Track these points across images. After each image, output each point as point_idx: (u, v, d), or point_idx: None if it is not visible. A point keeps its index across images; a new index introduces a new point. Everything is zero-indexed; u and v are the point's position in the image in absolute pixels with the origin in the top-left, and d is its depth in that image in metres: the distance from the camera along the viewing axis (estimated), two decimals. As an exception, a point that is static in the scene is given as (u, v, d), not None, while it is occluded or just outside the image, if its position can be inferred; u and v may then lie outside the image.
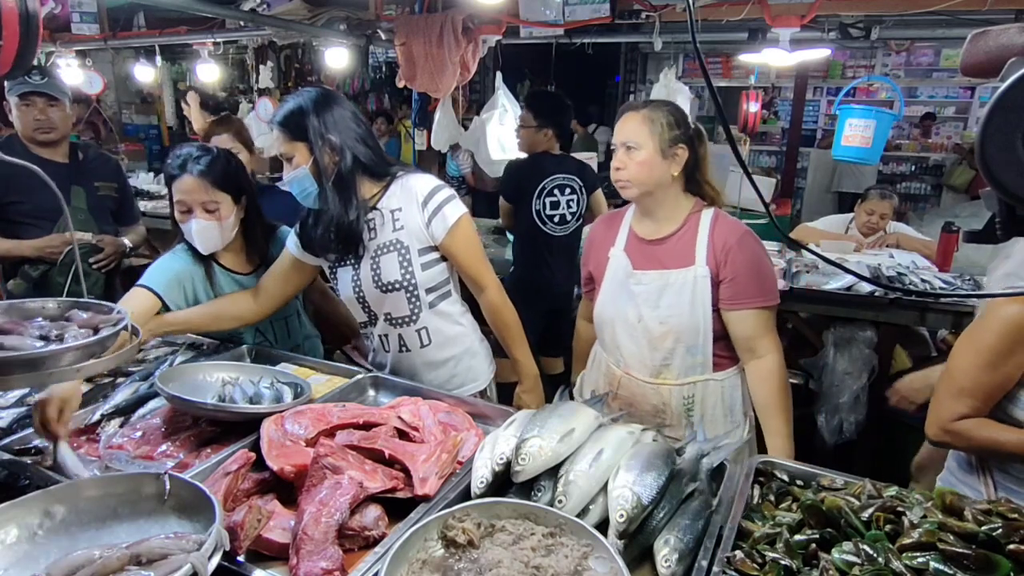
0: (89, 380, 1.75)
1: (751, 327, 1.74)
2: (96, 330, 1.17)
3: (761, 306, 1.74)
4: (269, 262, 2.01)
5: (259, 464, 1.30)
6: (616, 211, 2.02)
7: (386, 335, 1.91)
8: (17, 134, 2.71)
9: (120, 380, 1.76)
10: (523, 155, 3.48)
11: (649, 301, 1.79)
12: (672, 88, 4.07)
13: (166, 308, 1.90)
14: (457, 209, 1.80)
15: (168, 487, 1.11)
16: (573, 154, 4.63)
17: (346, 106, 1.75)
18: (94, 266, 2.70)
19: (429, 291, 1.84)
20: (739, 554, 1.07)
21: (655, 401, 1.82)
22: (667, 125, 1.72)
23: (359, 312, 1.92)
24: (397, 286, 1.80)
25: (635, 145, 1.72)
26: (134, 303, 1.81)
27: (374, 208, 1.79)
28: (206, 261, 1.99)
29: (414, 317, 1.85)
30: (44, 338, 1.13)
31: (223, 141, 2.63)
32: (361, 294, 1.85)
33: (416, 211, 1.77)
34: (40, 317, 1.22)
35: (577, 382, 2.12)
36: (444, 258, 1.86)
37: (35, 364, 1.03)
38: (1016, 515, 1.07)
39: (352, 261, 1.83)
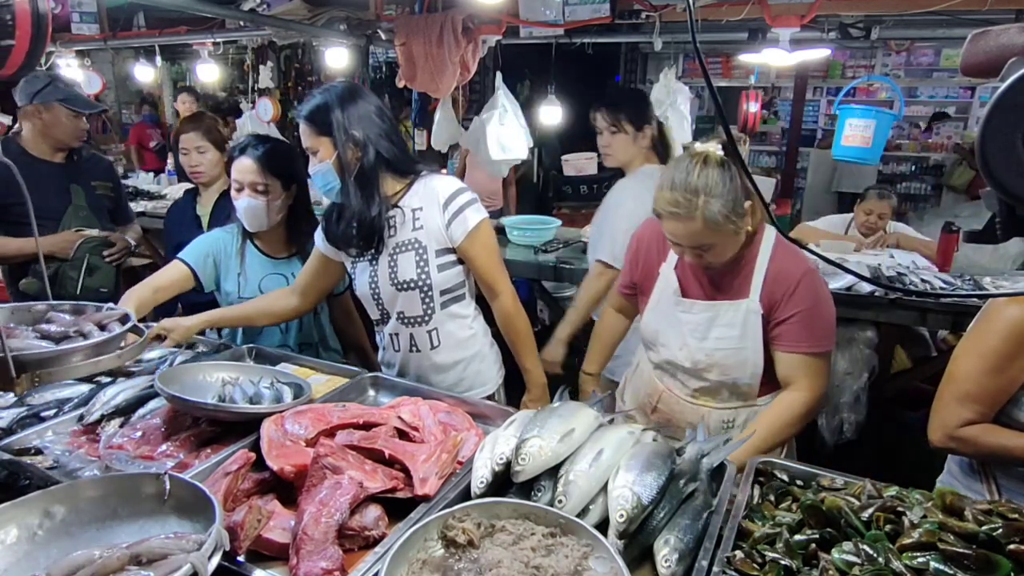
0: (89, 379, 1.76)
1: (795, 369, 1.65)
2: (103, 327, 1.18)
3: (810, 352, 1.63)
4: (304, 253, 2.13)
5: (259, 464, 1.30)
6: None
7: (396, 334, 1.91)
8: (16, 135, 2.73)
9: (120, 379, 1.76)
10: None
11: (697, 332, 1.72)
12: (672, 88, 4.06)
13: (197, 279, 2.13)
14: (478, 213, 1.80)
15: (168, 487, 1.11)
16: (570, 156, 4.62)
17: (371, 101, 1.76)
18: (107, 260, 2.73)
19: (443, 293, 1.84)
20: (739, 554, 1.07)
21: (692, 419, 1.76)
22: (726, 216, 1.53)
23: (372, 309, 1.94)
24: (412, 285, 1.80)
25: (703, 246, 1.59)
26: (168, 274, 2.10)
27: (395, 206, 1.81)
28: (244, 240, 2.18)
29: (426, 318, 1.85)
30: (47, 337, 1.14)
31: (191, 139, 2.66)
32: (376, 291, 1.87)
33: (437, 212, 1.78)
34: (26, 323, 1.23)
35: (621, 384, 2.10)
36: (461, 261, 1.86)
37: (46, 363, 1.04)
38: (1016, 515, 1.07)
39: (371, 257, 1.85)
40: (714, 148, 1.58)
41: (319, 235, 1.94)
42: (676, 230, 1.59)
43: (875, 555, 1.00)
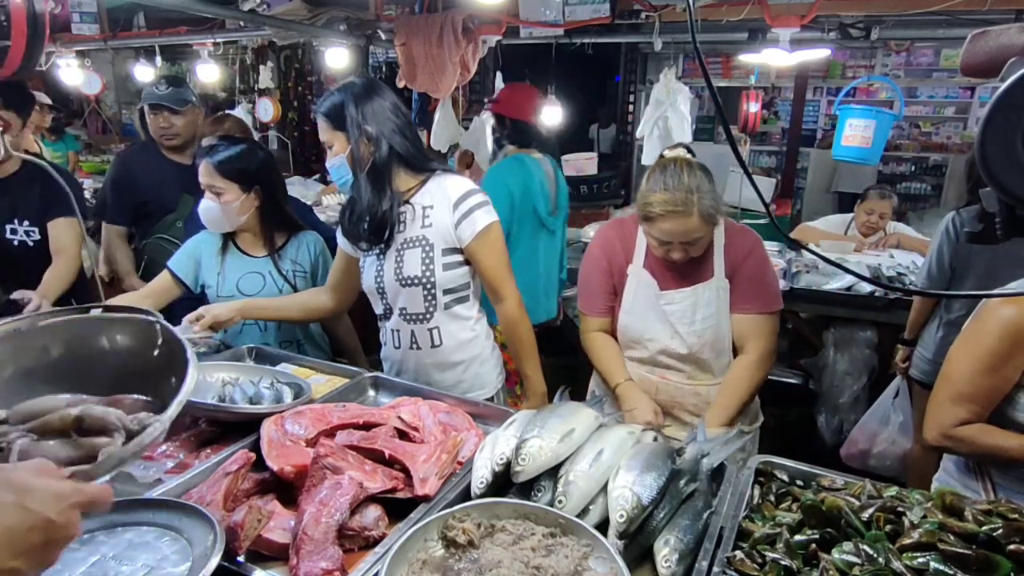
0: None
1: (748, 328, 1.86)
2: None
3: (761, 312, 1.85)
4: (278, 253, 2.20)
5: (259, 464, 1.30)
6: (625, 218, 2.00)
7: (398, 330, 1.92)
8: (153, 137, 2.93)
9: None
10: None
11: (684, 319, 1.85)
12: (672, 88, 4.06)
13: (179, 281, 2.17)
14: (488, 216, 1.81)
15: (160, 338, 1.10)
16: (570, 156, 4.60)
17: (387, 97, 1.78)
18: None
19: (447, 292, 1.85)
20: (739, 554, 1.07)
21: (695, 401, 1.90)
22: (714, 209, 1.70)
23: (376, 304, 1.95)
24: (415, 281, 1.81)
25: (694, 240, 1.74)
26: (160, 282, 2.17)
27: (407, 202, 1.82)
28: (225, 240, 2.19)
29: (428, 315, 1.86)
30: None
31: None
32: (381, 285, 1.88)
33: (447, 211, 1.79)
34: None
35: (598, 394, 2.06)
36: (468, 262, 1.86)
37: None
38: (1016, 515, 1.07)
39: (379, 251, 1.86)
40: (684, 153, 1.80)
41: (340, 231, 1.96)
42: (675, 228, 1.71)
43: (875, 555, 1.00)
